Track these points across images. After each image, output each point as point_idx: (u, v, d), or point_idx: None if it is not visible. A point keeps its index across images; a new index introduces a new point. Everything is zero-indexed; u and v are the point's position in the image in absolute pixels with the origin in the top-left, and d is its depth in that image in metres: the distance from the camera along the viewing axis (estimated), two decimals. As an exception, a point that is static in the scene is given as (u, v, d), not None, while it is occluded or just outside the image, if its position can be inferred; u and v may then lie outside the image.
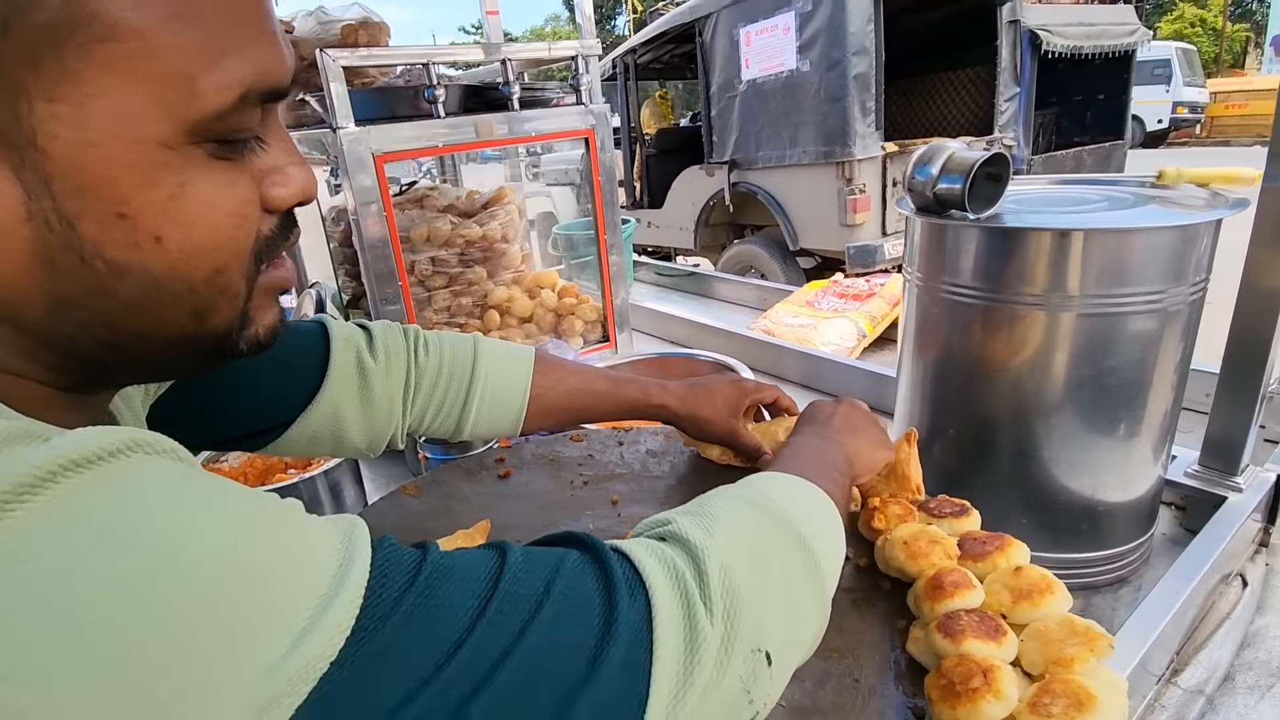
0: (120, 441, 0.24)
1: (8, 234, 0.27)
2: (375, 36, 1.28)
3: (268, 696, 0.22)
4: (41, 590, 0.20)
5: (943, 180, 0.71)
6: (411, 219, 1.24)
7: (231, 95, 0.29)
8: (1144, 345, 0.68)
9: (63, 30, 0.25)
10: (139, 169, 0.28)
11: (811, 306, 1.59)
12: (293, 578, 0.24)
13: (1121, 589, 0.78)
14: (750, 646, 0.34)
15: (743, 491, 0.42)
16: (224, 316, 0.33)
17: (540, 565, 0.31)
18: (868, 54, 3.29)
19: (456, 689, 0.26)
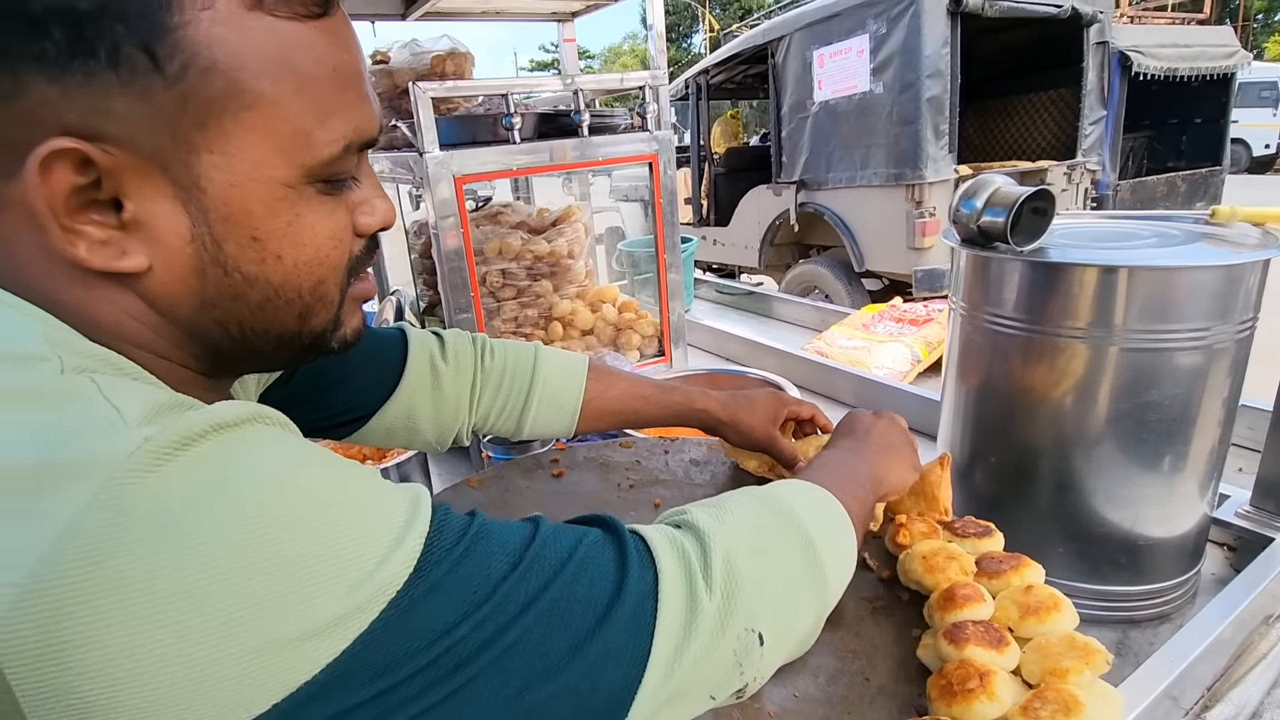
0: (249, 413, 0.32)
1: (175, 251, 0.35)
2: (461, 66, 1.39)
3: (352, 606, 0.29)
4: (202, 508, 0.28)
5: (987, 213, 0.74)
6: (485, 234, 1.34)
7: (337, 147, 0.37)
8: (1189, 381, 0.69)
9: (221, 102, 0.34)
10: (268, 203, 0.36)
11: (867, 329, 1.60)
12: (372, 522, 0.31)
13: (1162, 625, 0.77)
14: (744, 626, 0.39)
15: (761, 492, 0.47)
16: (321, 319, 0.42)
17: (566, 537, 0.37)
18: (942, 77, 3.27)
19: (491, 623, 0.32)
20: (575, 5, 1.62)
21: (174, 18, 0.32)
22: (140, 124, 0.32)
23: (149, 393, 0.32)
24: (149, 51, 0.31)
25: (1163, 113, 5.14)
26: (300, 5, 0.35)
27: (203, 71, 0.33)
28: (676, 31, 25.51)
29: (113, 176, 0.33)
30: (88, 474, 0.27)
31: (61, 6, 0.30)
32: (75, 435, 0.28)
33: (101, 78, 0.31)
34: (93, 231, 0.33)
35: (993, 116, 4.74)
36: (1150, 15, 6.24)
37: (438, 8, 1.48)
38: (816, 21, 3.75)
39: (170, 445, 0.28)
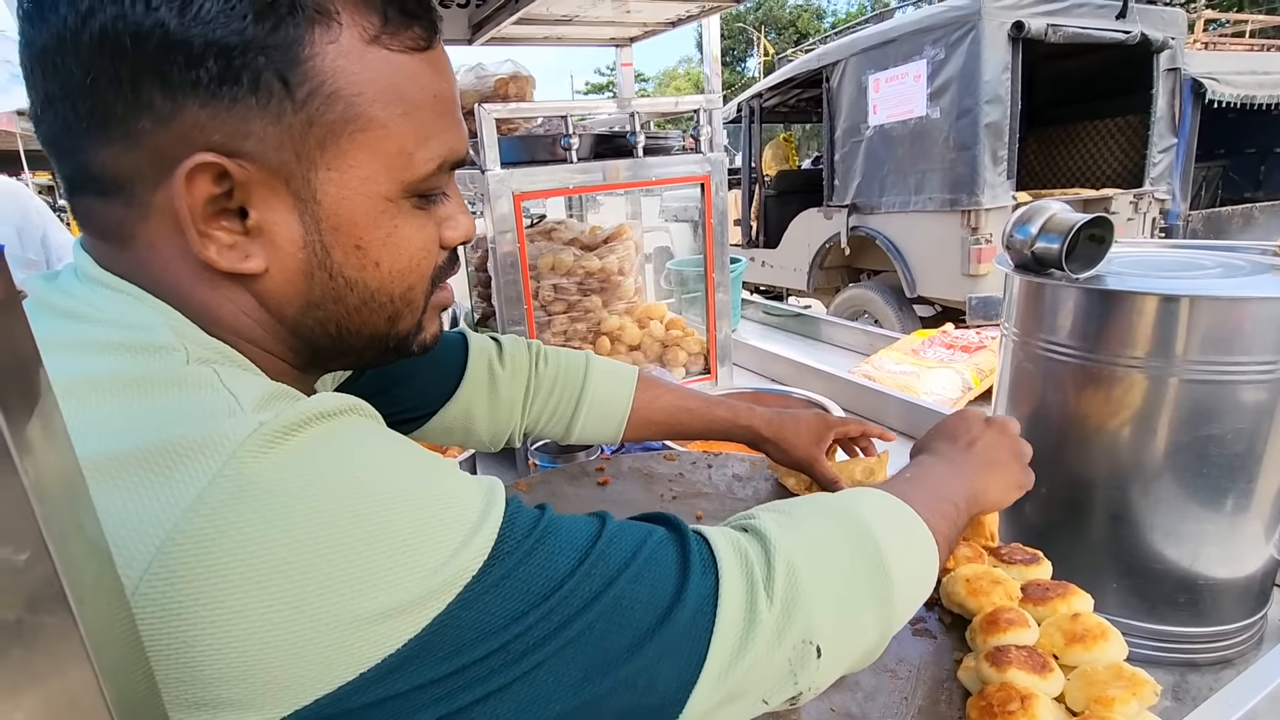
0: (346, 404, 0.35)
1: (289, 256, 0.39)
2: (523, 88, 1.44)
3: (432, 588, 0.32)
4: (306, 488, 0.31)
5: (1042, 239, 0.73)
6: (540, 249, 1.38)
7: (433, 165, 0.41)
8: (1254, 416, 0.67)
9: (340, 124, 0.38)
10: (371, 215, 0.40)
11: (917, 355, 1.58)
12: (452, 511, 0.34)
13: (1224, 670, 0.74)
14: (802, 637, 0.39)
15: (836, 503, 0.47)
16: (407, 323, 0.45)
17: (632, 534, 0.39)
18: (1001, 102, 3.24)
19: (557, 615, 0.34)
20: (633, 31, 1.67)
21: (305, 50, 0.36)
22: (272, 142, 0.37)
23: (259, 383, 0.36)
24: (284, 79, 0.36)
25: (1239, 141, 4.93)
26: (410, 40, 0.39)
27: (327, 97, 0.37)
28: (731, 55, 25.73)
29: (244, 188, 0.37)
30: (212, 453, 0.30)
31: (216, 40, 0.34)
32: (201, 418, 0.32)
33: (243, 102, 0.35)
34: (222, 236, 0.37)
35: (1055, 143, 4.64)
36: (1227, 41, 6.02)
37: (502, 34, 1.55)
38: (873, 47, 3.75)
39: (282, 429, 0.31)
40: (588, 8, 1.36)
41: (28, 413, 0.19)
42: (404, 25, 0.39)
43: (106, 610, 0.21)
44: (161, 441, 0.31)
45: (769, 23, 24.85)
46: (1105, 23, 3.47)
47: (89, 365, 0.34)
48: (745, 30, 24.00)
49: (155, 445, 0.31)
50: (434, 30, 0.41)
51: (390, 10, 0.39)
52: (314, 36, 0.36)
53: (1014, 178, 3.36)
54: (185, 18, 0.34)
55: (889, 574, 0.43)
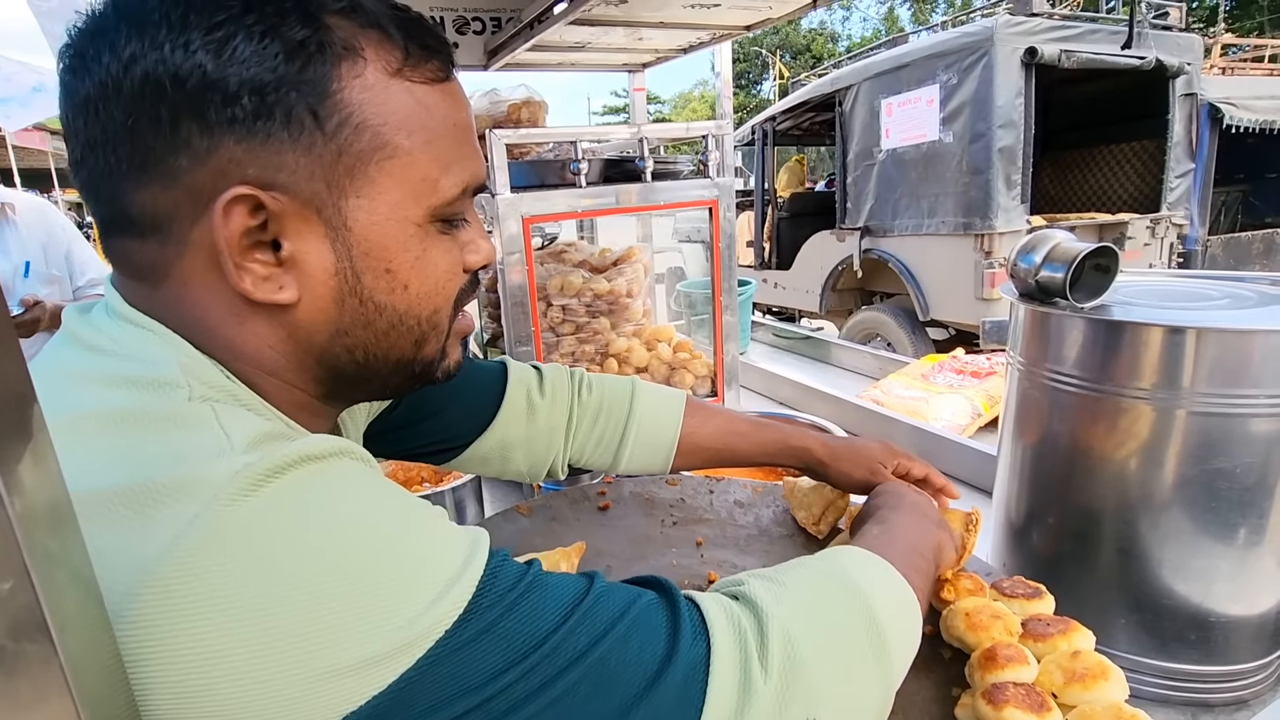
0: (336, 447, 0.35)
1: (321, 284, 0.40)
2: (535, 113, 1.47)
3: (406, 639, 0.31)
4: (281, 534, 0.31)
5: (1046, 268, 0.73)
6: (549, 271, 1.39)
7: (457, 190, 0.43)
8: (1265, 450, 0.65)
9: (369, 153, 0.39)
10: (400, 240, 0.42)
11: (926, 380, 1.57)
12: (431, 563, 0.34)
13: (1239, 711, 0.72)
14: (804, 714, 0.38)
15: (824, 565, 0.46)
16: (432, 348, 0.46)
17: (620, 596, 0.38)
18: (1015, 127, 3.25)
19: (539, 673, 0.33)
20: (645, 57, 1.70)
21: (334, 84, 0.38)
22: (304, 174, 0.38)
23: (257, 422, 0.36)
24: (314, 112, 0.38)
25: (1260, 166, 4.89)
26: (430, 72, 0.41)
27: (355, 128, 0.39)
28: (746, 78, 25.98)
29: (278, 219, 0.38)
30: (193, 494, 0.31)
31: (250, 79, 0.36)
32: (189, 458, 0.33)
33: (276, 136, 0.37)
34: (257, 268, 0.39)
35: (1070, 167, 4.64)
36: (1246, 66, 5.99)
37: (517, 59, 1.58)
38: (885, 71, 3.79)
39: (265, 473, 0.32)
40: (600, 36, 1.39)
41: (17, 445, 0.19)
42: (424, 59, 0.41)
43: (88, 639, 0.21)
44: (146, 480, 0.31)
45: (784, 46, 25.11)
46: (1119, 48, 3.49)
47: (98, 398, 0.35)
48: (760, 54, 24.26)
49: (140, 484, 0.31)
50: (450, 63, 0.43)
51: (411, 45, 0.41)
52: (341, 72, 0.38)
53: (1028, 202, 3.37)
54: (221, 59, 0.36)
55: (885, 636, 0.42)
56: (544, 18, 1.26)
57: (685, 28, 1.35)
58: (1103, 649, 0.60)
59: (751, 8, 1.20)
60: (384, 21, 0.40)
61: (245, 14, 0.36)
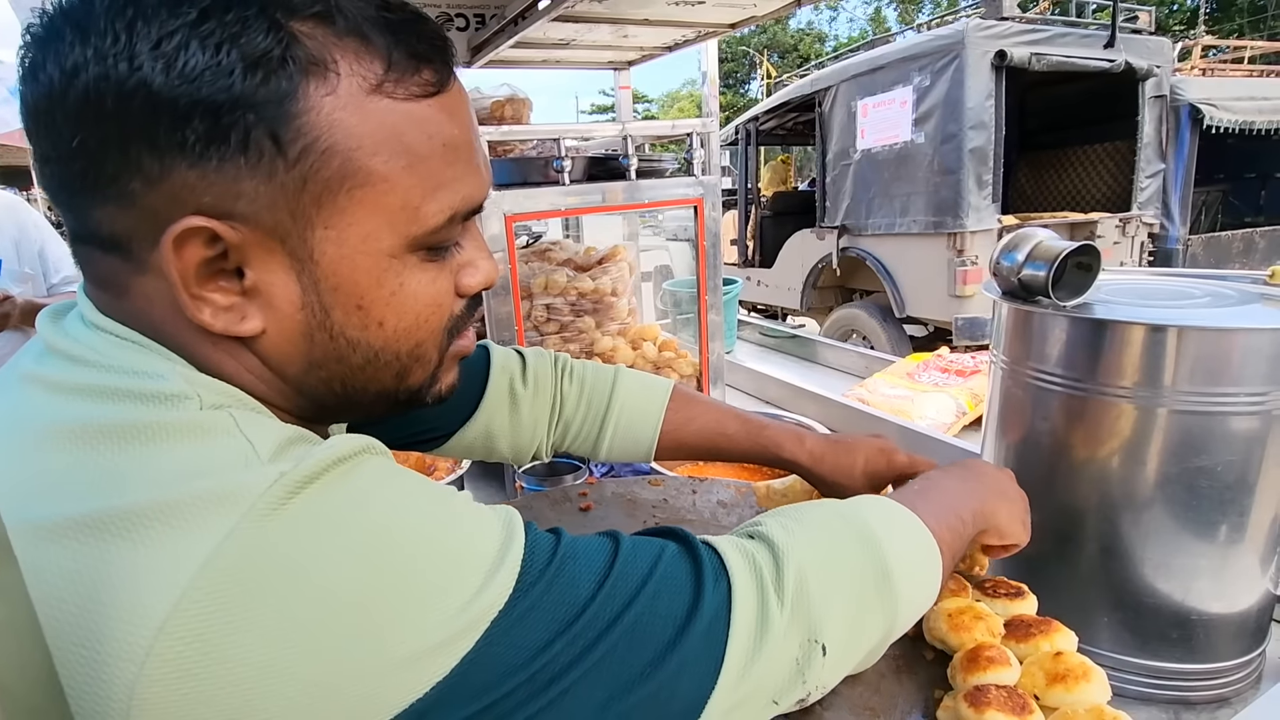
0: (361, 445, 0.35)
1: (288, 317, 0.38)
2: (519, 110, 1.46)
3: (459, 628, 0.32)
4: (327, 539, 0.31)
5: (1028, 267, 0.73)
6: (533, 269, 1.38)
7: (443, 217, 0.39)
8: (1245, 448, 0.66)
9: (338, 180, 0.36)
10: (374, 274, 0.38)
11: (911, 379, 1.57)
12: (475, 548, 0.34)
13: (1221, 709, 0.72)
14: (808, 636, 0.40)
15: (844, 509, 0.47)
16: (417, 378, 0.43)
17: (646, 553, 0.39)
18: (985, 128, 3.30)
19: (581, 640, 0.34)
20: (630, 55, 1.69)
21: (298, 104, 0.34)
22: (264, 203, 0.35)
23: (276, 428, 0.36)
24: (274, 137, 0.34)
25: (1239, 167, 4.97)
26: (417, 85, 0.37)
27: (321, 154, 0.35)
28: (735, 78, 26.03)
29: (238, 250, 0.35)
30: (230, 506, 0.30)
31: (202, 99, 0.32)
32: (218, 468, 0.32)
33: (232, 162, 0.34)
34: (217, 298, 0.36)
35: (1047, 167, 4.70)
36: (1226, 67, 6.07)
37: (500, 56, 1.56)
38: (861, 73, 3.85)
39: (300, 480, 0.31)
40: (585, 33, 1.38)
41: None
42: (411, 70, 0.37)
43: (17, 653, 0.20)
44: (179, 494, 0.30)
45: (772, 46, 25.18)
46: (1091, 51, 3.55)
47: (97, 412, 0.34)
48: (748, 53, 24.31)
49: (172, 498, 0.30)
50: (447, 72, 0.39)
51: (396, 54, 0.36)
52: (308, 90, 0.34)
53: (999, 201, 3.42)
54: (170, 75, 0.32)
55: (892, 579, 0.44)
56: (527, 14, 1.25)
57: (670, 25, 1.34)
58: (1085, 648, 0.60)
59: (736, 5, 1.20)
60: (366, 27, 0.36)
61: (201, 22, 0.32)
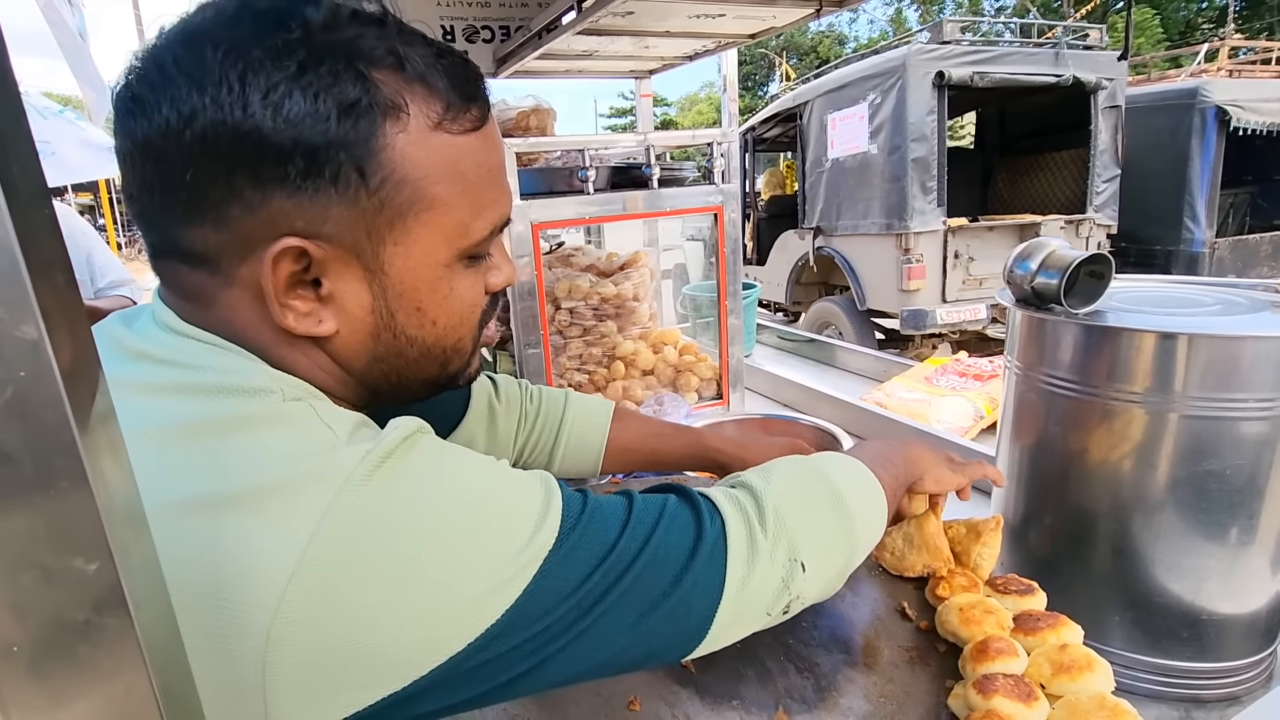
0: (417, 425, 0.41)
1: (358, 320, 0.44)
2: (544, 121, 1.50)
3: (519, 566, 0.38)
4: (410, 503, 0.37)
5: (1041, 275, 0.75)
6: (556, 275, 1.42)
7: (486, 232, 0.47)
8: (1255, 452, 0.67)
9: (408, 205, 0.43)
10: (430, 281, 0.45)
11: (929, 383, 1.59)
12: (525, 502, 0.41)
13: (1231, 707, 0.73)
14: (789, 556, 0.49)
15: (804, 461, 0.57)
16: (456, 365, 0.51)
17: (655, 502, 0.47)
18: (927, 140, 3.71)
19: (614, 571, 0.41)
20: (651, 64, 1.72)
21: (379, 142, 0.40)
22: (347, 225, 0.41)
23: (347, 415, 0.42)
24: (360, 170, 0.40)
25: (1268, 168, 4.88)
26: (468, 121, 0.44)
27: (396, 183, 0.41)
28: (753, 80, 25.98)
29: (320, 264, 0.42)
30: (328, 480, 0.36)
31: (303, 140, 0.38)
32: (312, 451, 0.38)
33: (324, 192, 0.40)
34: (299, 305, 0.42)
35: (1022, 172, 5.00)
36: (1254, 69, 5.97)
37: (525, 67, 1.61)
38: (832, 90, 4.34)
39: (381, 455, 0.37)
40: (607, 44, 1.41)
41: (99, 442, 0.22)
42: (463, 109, 0.43)
43: (158, 617, 0.24)
44: (283, 475, 0.36)
45: (791, 48, 25.10)
46: (1038, 67, 3.89)
47: (196, 409, 0.39)
48: (767, 55, 24.26)
49: (277, 478, 0.36)
50: (487, 107, 0.46)
51: (452, 95, 0.43)
52: (386, 129, 0.40)
53: (944, 205, 3.81)
54: (278, 120, 0.38)
55: (848, 507, 0.53)
56: (553, 27, 1.29)
57: (690, 36, 1.38)
58: (1097, 645, 0.62)
59: (755, 17, 1.23)
60: (428, 74, 0.42)
61: (301, 74, 0.38)
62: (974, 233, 3.96)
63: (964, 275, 3.94)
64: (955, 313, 3.92)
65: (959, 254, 3.87)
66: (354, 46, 0.40)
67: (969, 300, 3.98)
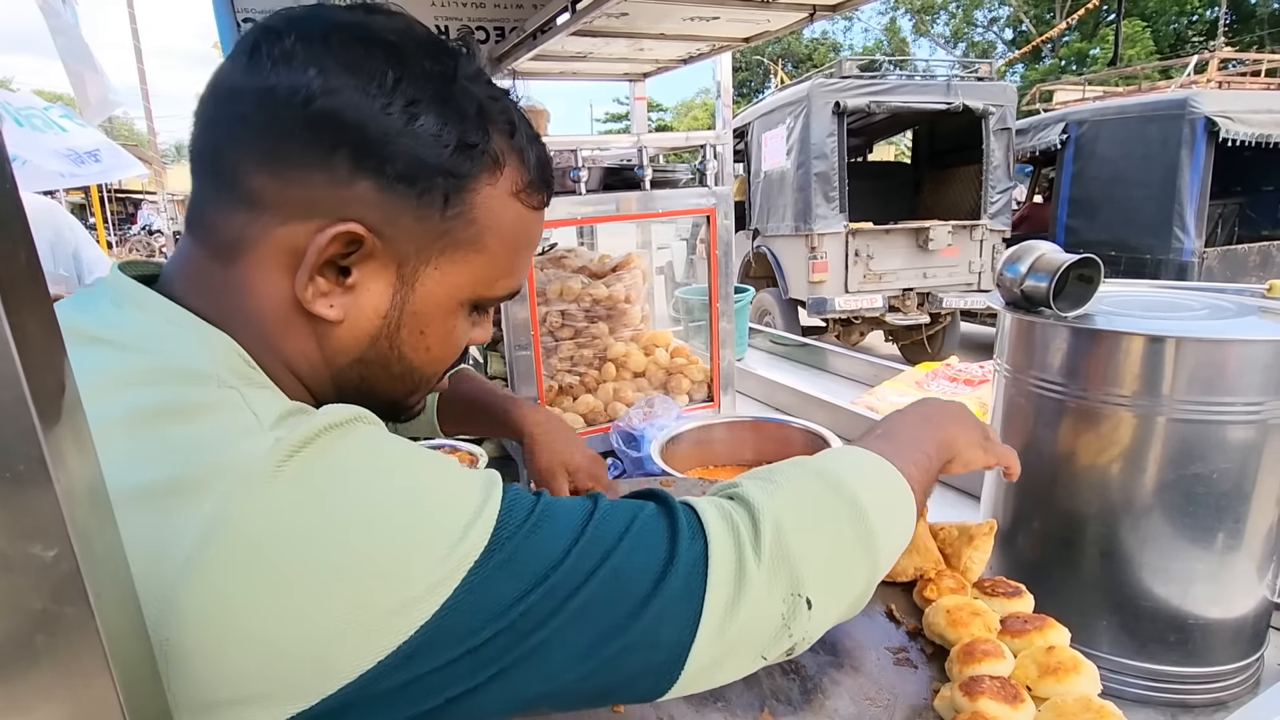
0: (352, 414, 0.38)
1: (366, 319, 0.45)
2: (537, 121, 1.49)
3: (439, 576, 0.35)
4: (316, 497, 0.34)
5: (1031, 278, 0.75)
6: (549, 276, 1.41)
7: (502, 292, 0.50)
8: (1241, 456, 0.67)
9: (466, 243, 0.46)
10: (443, 312, 0.48)
11: (920, 387, 1.59)
12: (453, 505, 0.37)
13: (1218, 712, 0.73)
14: (790, 589, 0.42)
15: (813, 463, 0.50)
16: (416, 398, 0.52)
17: (623, 512, 0.42)
18: (828, 158, 4.59)
19: (559, 591, 0.37)
20: (646, 67, 1.72)
21: (474, 183, 0.45)
22: (408, 234, 0.44)
23: (279, 401, 0.40)
24: (447, 198, 0.44)
25: (1257, 179, 4.94)
26: (538, 200, 0.49)
27: (467, 221, 0.45)
28: (748, 86, 26.09)
29: (365, 257, 0.43)
30: (228, 475, 0.34)
31: (421, 154, 0.42)
32: (226, 442, 0.35)
33: (407, 199, 0.43)
34: (321, 283, 0.43)
35: (941, 183, 5.85)
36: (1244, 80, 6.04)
37: (520, 68, 1.60)
38: (765, 113, 5.21)
39: (295, 444, 0.35)
40: (602, 46, 1.41)
41: (60, 428, 0.21)
42: (538, 190, 0.49)
43: (120, 607, 0.23)
44: (190, 468, 0.34)
45: (786, 55, 25.23)
46: (931, 96, 4.76)
47: (131, 399, 0.37)
48: (762, 62, 24.38)
49: (184, 473, 0.34)
50: (551, 195, 0.51)
51: (535, 174, 0.48)
52: (483, 175, 0.45)
53: (845, 211, 4.65)
54: (407, 128, 0.41)
55: (870, 524, 0.45)
56: (547, 28, 1.29)
57: (685, 39, 1.38)
58: (1085, 649, 0.62)
59: (749, 21, 1.23)
60: (526, 149, 0.47)
61: (443, 103, 0.42)
62: (873, 235, 4.70)
63: (864, 271, 4.70)
64: (854, 301, 4.71)
65: (859, 253, 4.64)
66: (486, 102, 0.45)
67: (868, 292, 4.76)
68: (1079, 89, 7.20)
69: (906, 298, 4.79)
